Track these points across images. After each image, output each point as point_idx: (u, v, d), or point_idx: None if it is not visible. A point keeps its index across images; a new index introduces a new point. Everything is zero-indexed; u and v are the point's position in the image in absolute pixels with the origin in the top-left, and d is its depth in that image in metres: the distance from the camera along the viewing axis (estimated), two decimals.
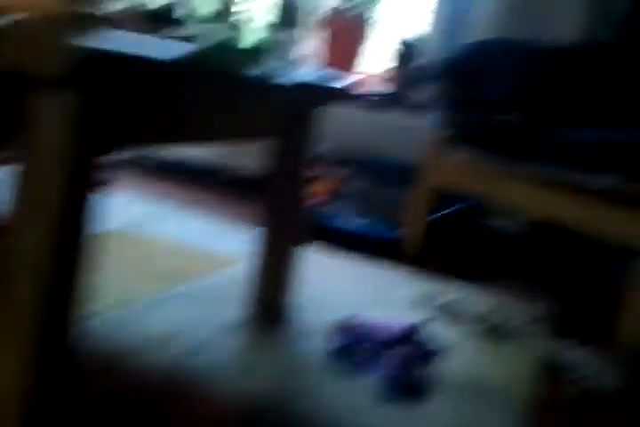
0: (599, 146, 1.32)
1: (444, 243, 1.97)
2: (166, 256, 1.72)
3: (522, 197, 1.52)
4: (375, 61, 2.77)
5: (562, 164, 1.38)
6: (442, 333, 1.37)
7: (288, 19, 2.59)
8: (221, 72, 0.91)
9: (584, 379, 1.16)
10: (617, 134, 1.35)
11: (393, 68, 2.48)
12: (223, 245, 1.83)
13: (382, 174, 2.26)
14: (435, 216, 1.92)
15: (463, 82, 1.72)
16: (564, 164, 1.38)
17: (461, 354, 1.30)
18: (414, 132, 2.17)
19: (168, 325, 1.28)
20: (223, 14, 2.08)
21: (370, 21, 2.50)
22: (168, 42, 0.98)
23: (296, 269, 1.36)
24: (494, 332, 1.39)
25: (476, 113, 1.62)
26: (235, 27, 1.30)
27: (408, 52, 2.48)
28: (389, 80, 2.52)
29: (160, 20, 1.10)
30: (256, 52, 1.07)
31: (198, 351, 1.17)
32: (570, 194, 1.42)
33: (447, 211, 1.96)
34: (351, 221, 2.03)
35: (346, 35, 2.50)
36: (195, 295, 1.46)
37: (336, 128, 2.44)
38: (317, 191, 2.11)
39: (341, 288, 1.62)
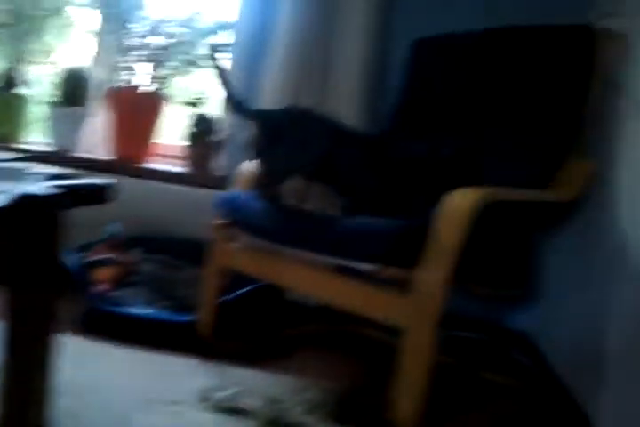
0: (359, 233, 1.33)
1: (238, 325, 1.88)
2: None
3: (298, 281, 1.50)
4: (172, 137, 2.72)
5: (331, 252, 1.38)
6: None
7: (74, 94, 2.47)
8: None
9: None
10: (381, 222, 1.37)
11: (189, 145, 2.44)
12: None
13: (179, 253, 2.15)
14: (230, 296, 1.84)
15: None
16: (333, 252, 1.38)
17: None
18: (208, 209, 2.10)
19: None
20: None
21: (165, 96, 2.45)
22: None
23: (56, 371, 1.17)
24: (273, 425, 1.30)
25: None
26: None
27: (205, 127, 2.45)
28: (185, 157, 2.46)
29: None
30: None
31: None
32: (337, 280, 1.43)
33: (244, 290, 1.88)
34: (142, 306, 1.88)
35: (138, 110, 2.43)
36: None
37: (125, 206, 2.31)
38: (104, 277, 1.95)
39: (117, 385, 1.44)
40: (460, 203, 1.33)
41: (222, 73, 1.55)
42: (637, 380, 1.31)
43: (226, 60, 2.43)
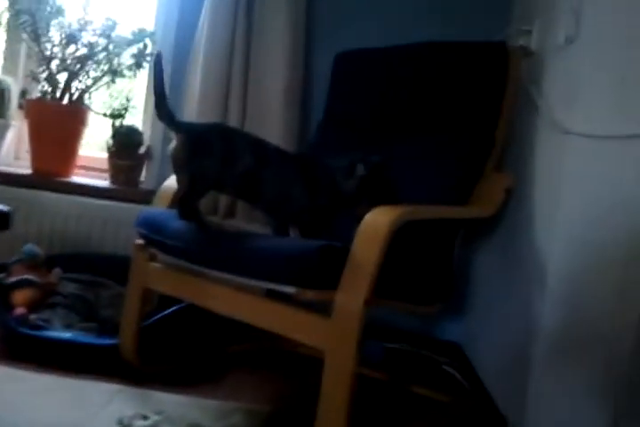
0: (274, 255, 1.32)
1: (164, 347, 1.83)
2: None
3: (221, 303, 1.47)
4: (96, 150, 2.64)
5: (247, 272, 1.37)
6: None
7: None
8: None
9: None
10: (297, 244, 1.36)
11: (113, 157, 2.37)
12: None
13: (103, 271, 2.08)
14: (153, 318, 1.79)
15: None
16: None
17: None
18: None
19: None
20: None
21: (86, 107, 2.37)
22: None
23: None
24: None
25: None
26: None
27: (129, 139, 2.38)
28: (110, 170, 2.39)
29: None
30: None
31: None
32: (256, 299, 1.41)
33: (168, 311, 1.84)
34: (62, 329, 1.81)
35: (58, 122, 2.34)
36: None
37: (45, 222, 2.24)
38: (22, 299, 1.86)
39: (27, 415, 1.38)
40: (376, 223, 1.33)
41: (159, 79, 1.51)
42: (558, 390, 1.35)
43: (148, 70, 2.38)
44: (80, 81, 2.35)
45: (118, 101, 2.44)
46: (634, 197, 1.25)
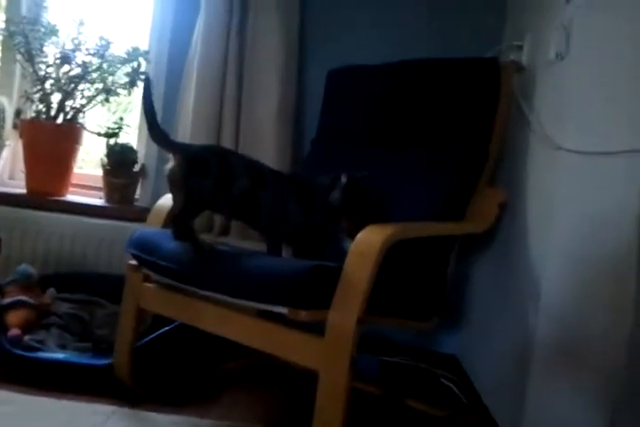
0: (265, 276, 1.32)
1: (159, 367, 1.82)
2: None
3: (214, 324, 1.47)
4: (91, 168, 2.65)
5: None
6: None
7: None
8: None
9: None
10: (289, 265, 1.36)
11: (108, 176, 2.37)
12: None
13: (98, 291, 2.07)
14: (146, 338, 1.78)
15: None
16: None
17: None
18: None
19: None
20: None
21: (81, 126, 2.38)
22: None
23: None
24: None
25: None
26: None
27: (124, 157, 2.39)
28: (104, 188, 2.39)
29: None
30: None
31: None
32: (249, 320, 1.41)
33: (162, 330, 1.83)
34: (56, 350, 1.80)
35: (52, 142, 2.34)
36: None
37: (39, 242, 2.24)
38: (16, 320, 1.85)
39: None
40: (368, 242, 1.33)
41: (148, 102, 1.52)
42: (555, 404, 1.35)
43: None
44: (74, 100, 2.36)
45: (114, 119, 2.44)
46: (623, 212, 1.25)
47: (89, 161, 2.77)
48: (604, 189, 1.30)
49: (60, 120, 2.35)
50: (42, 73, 2.32)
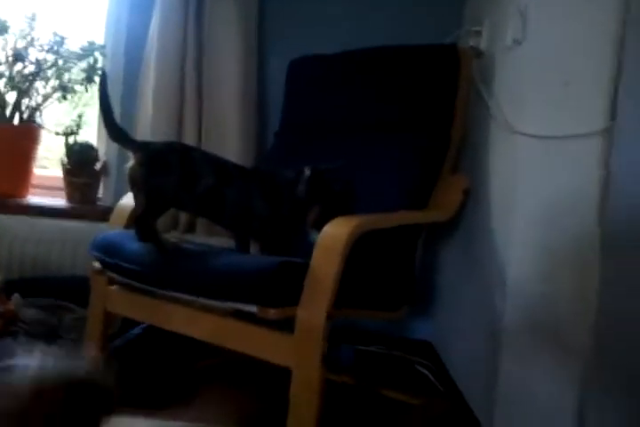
0: (230, 274, 1.30)
1: (130, 372, 1.80)
2: None
3: (183, 325, 1.45)
4: (50, 169, 2.59)
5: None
6: None
7: None
8: None
9: None
10: (254, 262, 1.35)
11: (68, 175, 2.32)
12: None
13: (64, 294, 2.03)
14: (117, 342, 1.76)
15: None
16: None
17: None
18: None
19: None
20: None
21: (38, 126, 2.32)
22: None
23: None
24: None
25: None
26: None
27: (83, 156, 2.34)
28: (66, 188, 2.34)
29: None
30: None
31: None
32: (218, 320, 1.39)
33: (132, 332, 1.81)
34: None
35: (9, 143, 2.28)
36: None
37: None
38: None
39: None
40: (334, 236, 1.32)
41: (104, 98, 1.48)
42: (525, 385, 1.36)
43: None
44: (30, 99, 2.29)
45: (71, 118, 2.39)
46: (583, 198, 1.26)
47: (53, 159, 2.70)
48: (563, 175, 1.31)
49: (16, 120, 2.29)
50: None
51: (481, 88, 1.74)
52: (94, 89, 2.34)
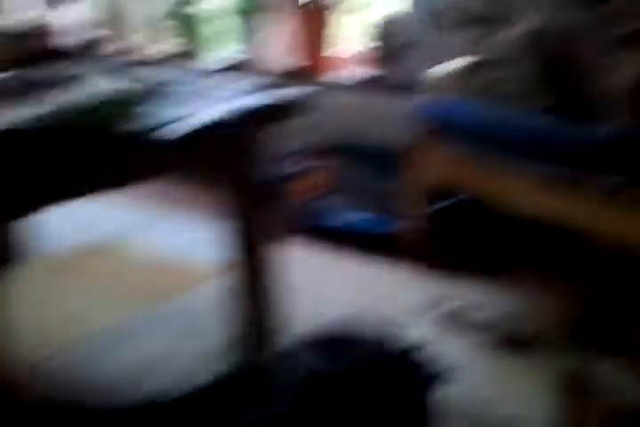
0: (603, 145, 1.16)
1: (448, 236, 1.78)
2: (143, 272, 1.58)
3: (518, 196, 1.36)
4: (350, 43, 2.59)
5: (563, 162, 1.23)
6: (449, 347, 1.22)
7: (251, 5, 2.40)
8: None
9: (614, 395, 1.02)
10: (618, 135, 1.19)
11: (373, 49, 2.30)
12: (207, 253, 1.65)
13: (374, 163, 2.08)
14: (437, 206, 1.73)
15: None
16: (566, 162, 1.22)
17: (472, 374, 1.15)
18: (400, 116, 1.97)
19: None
20: None
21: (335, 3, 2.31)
22: None
23: (281, 275, 1.20)
24: (509, 342, 1.24)
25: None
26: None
27: (388, 30, 2.29)
28: (370, 61, 2.33)
29: None
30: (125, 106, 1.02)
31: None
32: (570, 194, 1.27)
33: (450, 200, 1.77)
34: (343, 216, 1.86)
35: (311, 19, 2.32)
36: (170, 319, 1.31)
37: (319, 116, 2.26)
38: (305, 187, 1.94)
39: (335, 294, 1.47)
40: None
41: None
42: None
43: None
44: None
45: None
46: None
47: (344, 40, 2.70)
48: None
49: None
50: None
51: None
52: None
